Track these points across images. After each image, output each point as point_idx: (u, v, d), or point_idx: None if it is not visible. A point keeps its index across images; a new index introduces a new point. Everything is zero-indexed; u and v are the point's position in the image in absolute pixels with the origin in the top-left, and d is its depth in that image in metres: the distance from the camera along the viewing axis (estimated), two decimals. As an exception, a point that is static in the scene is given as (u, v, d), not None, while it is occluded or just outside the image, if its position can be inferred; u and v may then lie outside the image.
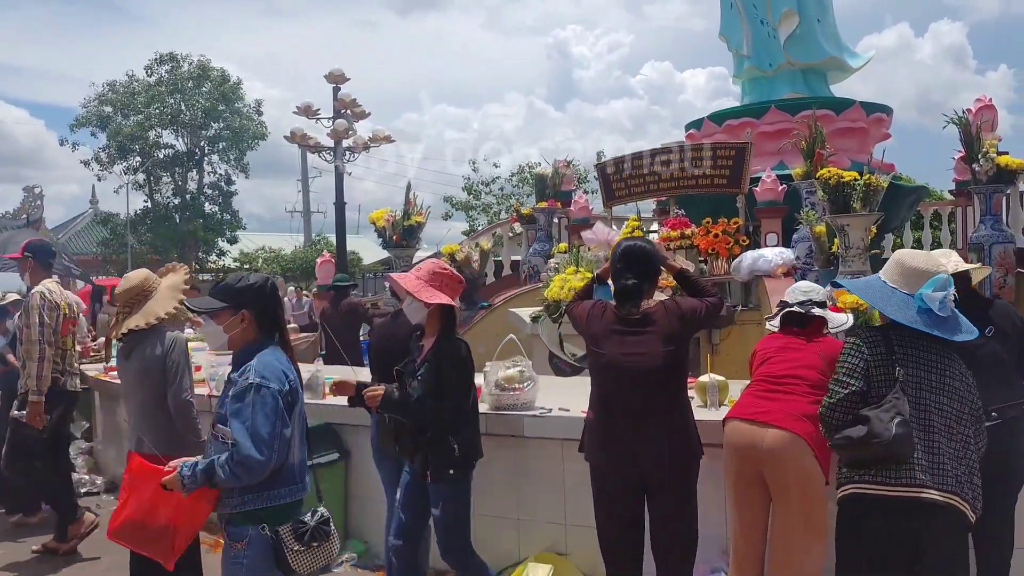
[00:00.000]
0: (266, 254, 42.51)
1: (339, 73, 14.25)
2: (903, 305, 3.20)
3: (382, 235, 11.75)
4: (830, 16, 14.12)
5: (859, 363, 3.18)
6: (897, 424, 2.96)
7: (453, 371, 4.11)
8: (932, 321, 3.14)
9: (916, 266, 3.28)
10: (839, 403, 3.16)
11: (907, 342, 3.18)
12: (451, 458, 4.12)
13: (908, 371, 3.12)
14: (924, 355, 3.17)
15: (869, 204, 7.74)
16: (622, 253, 3.84)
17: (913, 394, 3.09)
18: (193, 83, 33.08)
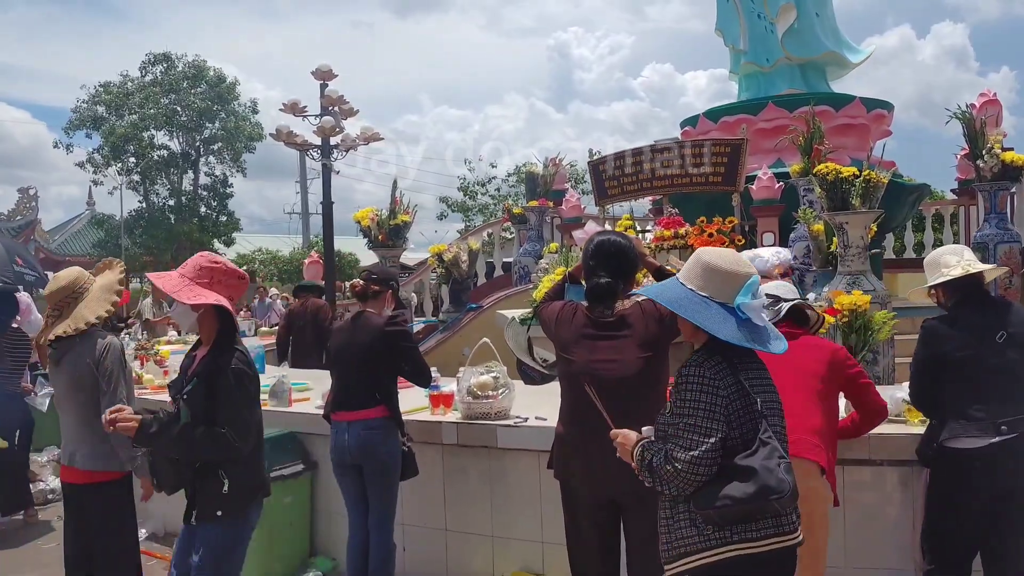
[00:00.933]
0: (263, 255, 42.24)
1: (326, 69, 13.89)
2: (722, 318, 2.61)
3: (367, 235, 11.40)
4: (829, 10, 13.76)
5: (716, 400, 2.54)
6: (785, 470, 2.49)
7: (229, 388, 3.31)
8: (752, 334, 2.60)
9: (725, 268, 2.66)
10: (704, 456, 2.49)
11: (747, 363, 2.65)
12: (219, 496, 3.31)
13: (762, 399, 2.61)
14: (760, 374, 2.68)
15: (869, 201, 7.38)
16: (595, 249, 3.48)
17: (771, 423, 2.60)
18: (188, 83, 32.73)
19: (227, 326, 3.47)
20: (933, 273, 3.96)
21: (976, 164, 9.40)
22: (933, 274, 3.95)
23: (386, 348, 4.49)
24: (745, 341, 2.56)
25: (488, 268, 16.15)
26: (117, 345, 4.08)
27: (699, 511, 2.52)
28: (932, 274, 3.96)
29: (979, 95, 10.08)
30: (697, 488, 2.50)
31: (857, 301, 4.25)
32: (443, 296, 13.53)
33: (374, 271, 4.82)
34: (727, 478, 2.47)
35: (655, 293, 2.83)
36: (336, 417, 4.59)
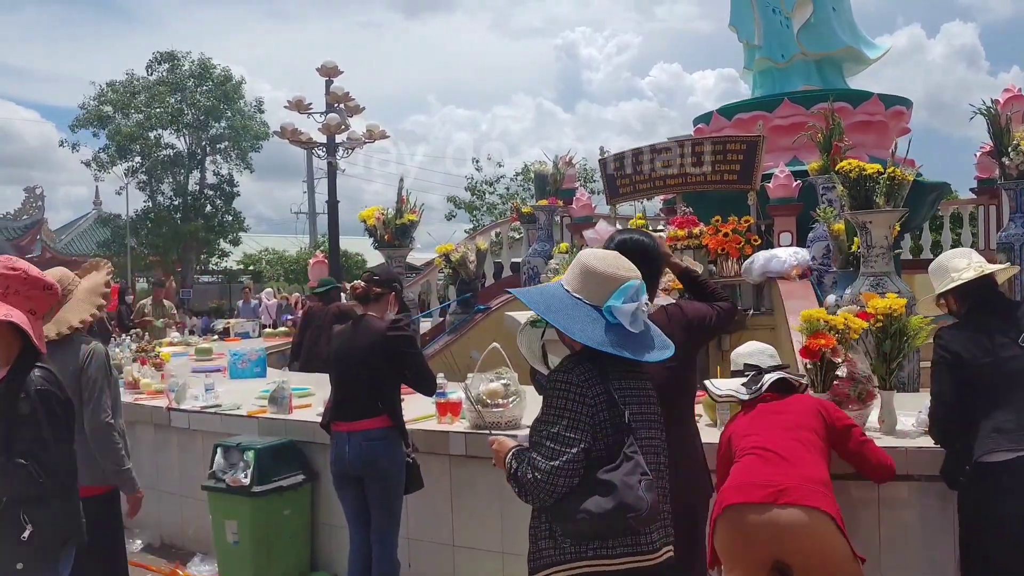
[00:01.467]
0: (270, 255, 42.10)
1: (332, 66, 13.66)
2: (590, 322, 2.48)
3: (373, 234, 11.14)
4: (846, 4, 13.47)
5: (581, 409, 2.41)
6: (645, 487, 2.35)
7: (31, 414, 2.81)
8: (621, 340, 2.46)
9: (600, 270, 2.55)
10: (564, 467, 2.36)
11: (621, 372, 2.51)
12: (18, 544, 2.74)
13: (633, 411, 2.47)
14: (638, 384, 2.55)
15: (894, 200, 7.07)
16: (616, 248, 3.20)
17: (645, 436, 2.49)
18: (194, 82, 32.57)
19: (28, 346, 2.95)
20: (941, 279, 3.70)
21: (1001, 162, 9.06)
22: (941, 280, 3.70)
23: (388, 354, 4.22)
24: (609, 347, 2.42)
25: (496, 268, 15.88)
26: (101, 351, 3.82)
27: (557, 523, 2.41)
28: (940, 280, 3.71)
29: (1003, 91, 9.77)
30: (557, 500, 2.38)
31: (892, 305, 3.96)
32: (450, 296, 13.26)
33: (376, 272, 4.55)
34: (588, 492, 2.35)
35: (525, 293, 2.66)
36: (336, 427, 4.32)
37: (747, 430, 3.49)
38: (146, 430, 6.34)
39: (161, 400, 6.29)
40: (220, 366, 8.39)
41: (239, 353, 7.88)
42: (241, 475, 5.01)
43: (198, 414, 5.94)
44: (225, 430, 5.69)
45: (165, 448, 6.25)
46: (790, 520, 3.07)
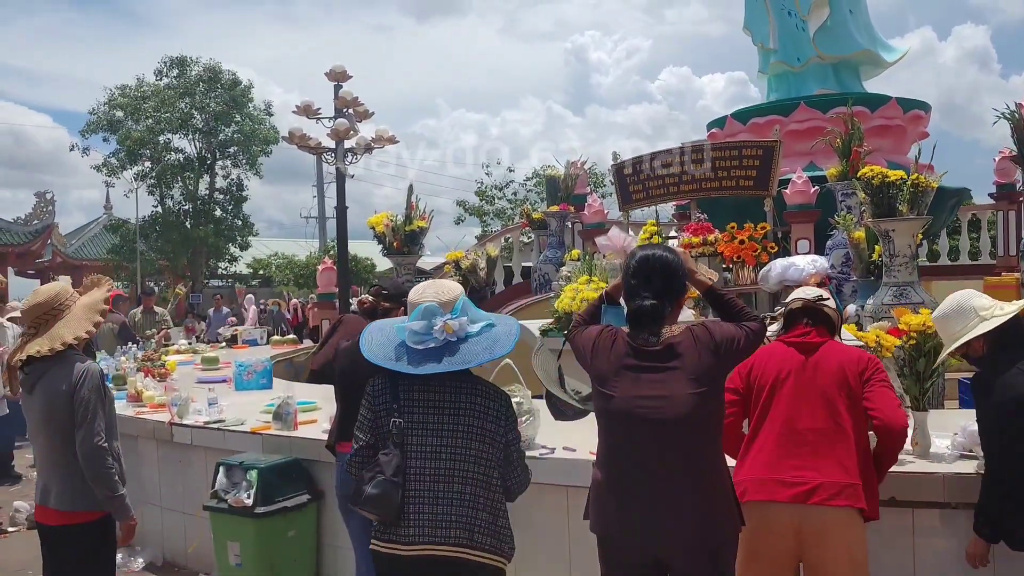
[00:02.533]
0: (279, 260, 42.01)
1: (340, 70, 13.49)
2: (386, 342, 2.96)
3: (382, 241, 10.97)
4: (863, 6, 13.26)
5: (367, 414, 2.96)
6: (373, 484, 2.81)
7: None
8: (400, 355, 2.89)
9: (411, 297, 3.03)
10: (353, 457, 2.97)
11: (413, 384, 2.89)
12: None
13: (411, 418, 2.86)
14: (430, 396, 2.88)
15: (917, 207, 6.87)
16: (638, 265, 3.00)
17: (412, 443, 2.85)
18: (203, 87, 32.48)
19: None
20: (966, 321, 3.40)
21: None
22: (965, 322, 3.40)
23: (396, 372, 4.02)
24: (383, 361, 2.90)
25: (506, 274, 15.69)
26: (96, 371, 3.64)
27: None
28: (963, 322, 3.41)
29: (1027, 94, 9.52)
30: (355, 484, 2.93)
31: (927, 321, 3.76)
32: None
33: (385, 286, 4.35)
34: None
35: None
36: (341, 448, 4.13)
37: (773, 377, 3.33)
38: (148, 445, 6.17)
39: (164, 414, 6.12)
40: (226, 376, 8.22)
41: (245, 364, 7.70)
42: (244, 495, 4.83)
43: (201, 430, 5.76)
44: (228, 447, 5.51)
45: (168, 464, 6.08)
46: (821, 524, 3.08)
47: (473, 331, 2.94)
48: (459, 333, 2.91)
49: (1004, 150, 12.57)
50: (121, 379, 7.63)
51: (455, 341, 2.89)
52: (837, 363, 3.29)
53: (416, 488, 2.83)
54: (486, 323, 2.99)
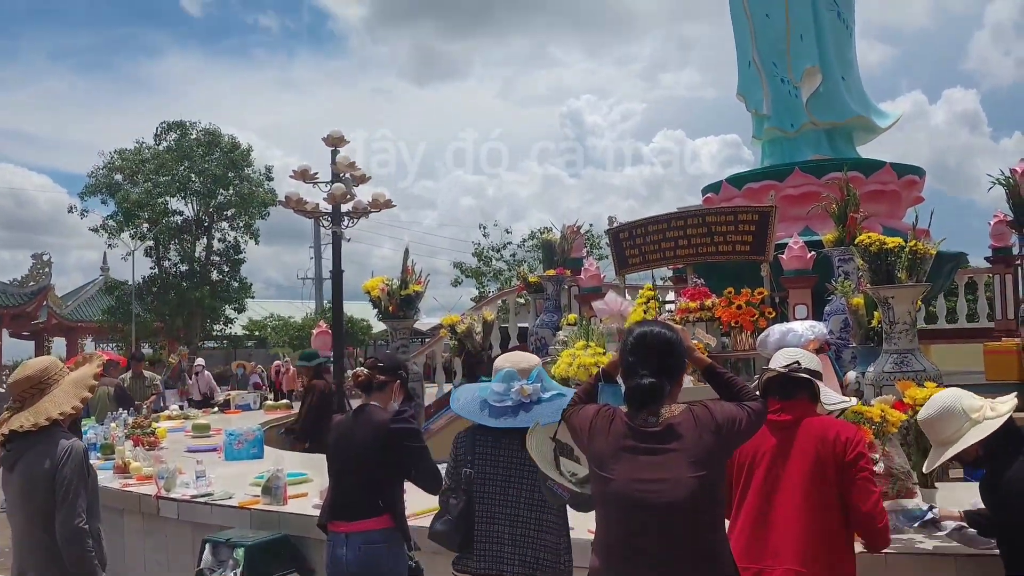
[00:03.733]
0: (275, 322, 41.91)
1: (338, 136, 13.54)
2: (472, 399, 3.54)
3: (377, 305, 10.89)
4: (855, 72, 13.41)
5: (451, 462, 3.55)
6: (441, 522, 3.48)
7: None
8: (482, 409, 3.45)
9: (498, 363, 3.57)
10: (441, 494, 3.58)
11: (488, 440, 3.45)
12: None
13: (483, 469, 3.42)
14: (501, 452, 3.41)
15: (916, 274, 6.83)
16: (635, 341, 2.92)
17: (480, 490, 3.40)
18: (202, 150, 32.76)
19: None
20: (957, 425, 3.26)
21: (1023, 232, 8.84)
22: (958, 425, 3.25)
23: (391, 448, 3.91)
24: (470, 415, 3.50)
25: (503, 336, 15.58)
26: (80, 449, 3.53)
27: None
28: (956, 426, 3.26)
29: (1020, 160, 9.57)
30: None
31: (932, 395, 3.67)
32: (456, 368, 12.95)
33: (380, 358, 4.25)
34: None
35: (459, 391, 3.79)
36: (333, 527, 3.99)
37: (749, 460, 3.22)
38: (134, 519, 6.01)
39: (150, 487, 5.97)
40: (216, 445, 8.07)
41: (235, 433, 7.56)
42: (230, 574, 4.67)
43: (188, 504, 5.61)
44: (216, 522, 5.35)
45: (153, 539, 5.90)
46: None
47: (545, 396, 3.43)
48: (532, 396, 3.41)
49: (999, 213, 12.59)
50: (109, 448, 7.48)
51: (528, 403, 3.40)
52: (813, 448, 3.14)
53: (484, 528, 3.38)
54: (557, 392, 3.48)
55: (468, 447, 3.50)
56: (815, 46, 12.84)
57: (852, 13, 13.36)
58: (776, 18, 13.07)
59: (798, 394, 3.29)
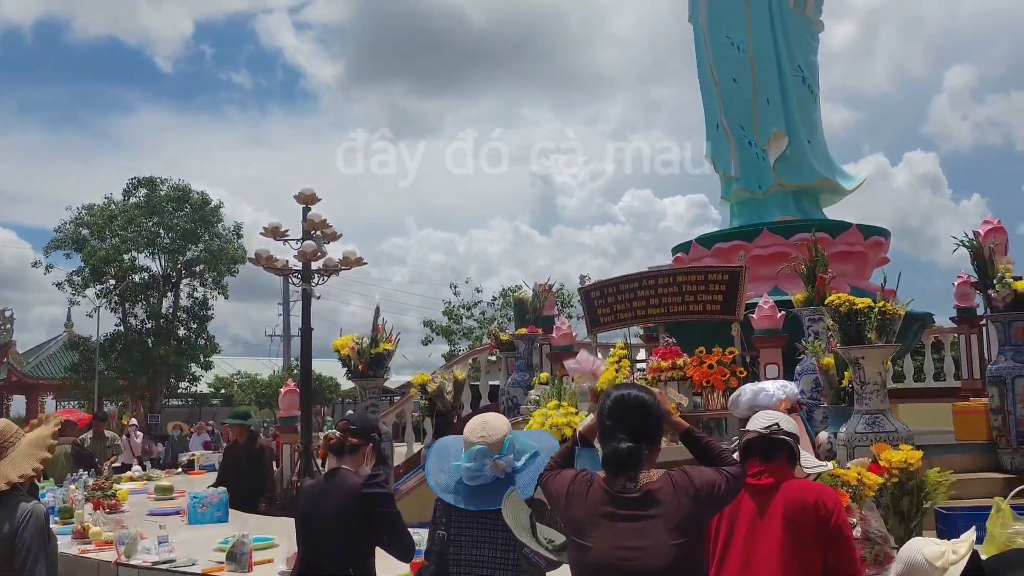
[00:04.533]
0: (242, 379, 41.30)
1: (309, 193, 13.51)
2: (447, 475, 3.49)
3: (346, 364, 10.78)
4: (820, 136, 13.70)
5: (432, 524, 3.60)
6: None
7: None
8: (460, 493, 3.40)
9: (466, 436, 3.45)
10: (426, 554, 3.64)
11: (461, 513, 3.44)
12: None
13: (458, 531, 3.44)
14: (469, 514, 3.39)
15: (885, 334, 6.90)
16: (613, 405, 2.88)
17: (456, 553, 3.43)
18: (172, 206, 32.60)
19: None
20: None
21: (988, 294, 8.98)
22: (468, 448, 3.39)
23: (362, 514, 3.80)
24: (441, 492, 3.46)
25: (473, 395, 15.45)
26: (41, 513, 3.42)
27: None
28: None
29: (983, 223, 9.75)
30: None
31: (908, 458, 3.67)
32: (426, 428, 12.79)
33: (353, 421, 4.17)
34: None
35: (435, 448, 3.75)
36: (300, 597, 3.87)
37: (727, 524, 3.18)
38: (92, 586, 5.79)
39: (110, 552, 5.77)
40: (180, 508, 7.86)
41: (199, 496, 7.37)
42: (192, 645, 4.49)
43: (149, 571, 5.42)
44: (178, 590, 5.18)
45: (112, 608, 5.69)
46: None
47: (519, 465, 3.38)
48: (507, 470, 3.35)
49: (963, 274, 12.80)
50: (68, 512, 7.24)
51: (504, 478, 3.33)
52: (792, 512, 3.11)
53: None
54: (531, 455, 3.42)
55: (444, 509, 3.49)
56: (781, 110, 13.13)
57: (816, 79, 13.70)
58: (743, 83, 13.37)
59: (777, 457, 3.27)
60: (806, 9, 13.29)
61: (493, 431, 3.44)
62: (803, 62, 13.31)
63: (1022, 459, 8.46)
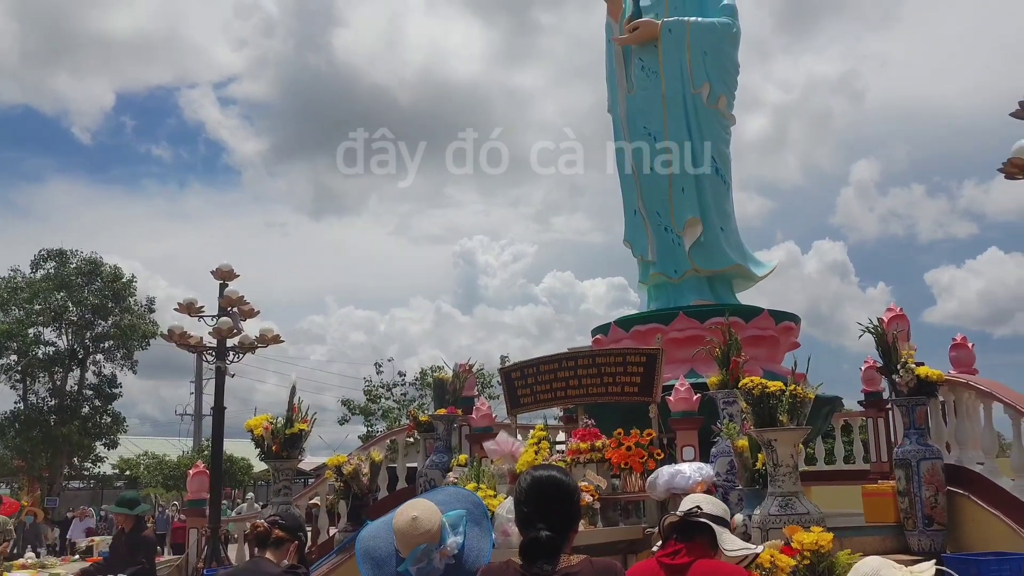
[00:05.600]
0: (148, 460, 39.73)
1: (227, 269, 13.37)
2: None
3: (260, 444, 10.50)
4: (732, 224, 14.19)
5: None
6: None
7: None
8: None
9: (403, 539, 3.30)
10: None
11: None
12: None
13: None
14: None
15: (797, 417, 7.08)
16: (530, 491, 2.87)
17: None
18: (82, 279, 31.65)
19: None
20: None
21: (892, 379, 9.32)
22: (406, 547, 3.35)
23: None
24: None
25: (391, 477, 15.15)
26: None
27: None
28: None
29: (886, 310, 10.15)
30: None
31: (820, 541, 3.74)
32: (340, 512, 12.47)
33: (283, 517, 4.07)
34: None
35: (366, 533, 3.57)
36: None
37: None
38: None
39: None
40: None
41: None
42: None
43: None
44: None
45: None
46: None
47: (461, 540, 3.31)
48: (453, 551, 3.28)
49: (869, 359, 13.25)
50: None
51: (454, 561, 3.27)
52: None
53: None
54: (464, 522, 3.35)
55: None
56: (696, 199, 13.58)
57: (729, 171, 14.24)
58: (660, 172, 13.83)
59: (697, 538, 3.31)
60: (719, 104, 13.89)
61: (428, 525, 3.30)
62: (716, 154, 13.85)
63: (928, 541, 8.66)
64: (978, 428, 9.59)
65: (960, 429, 9.62)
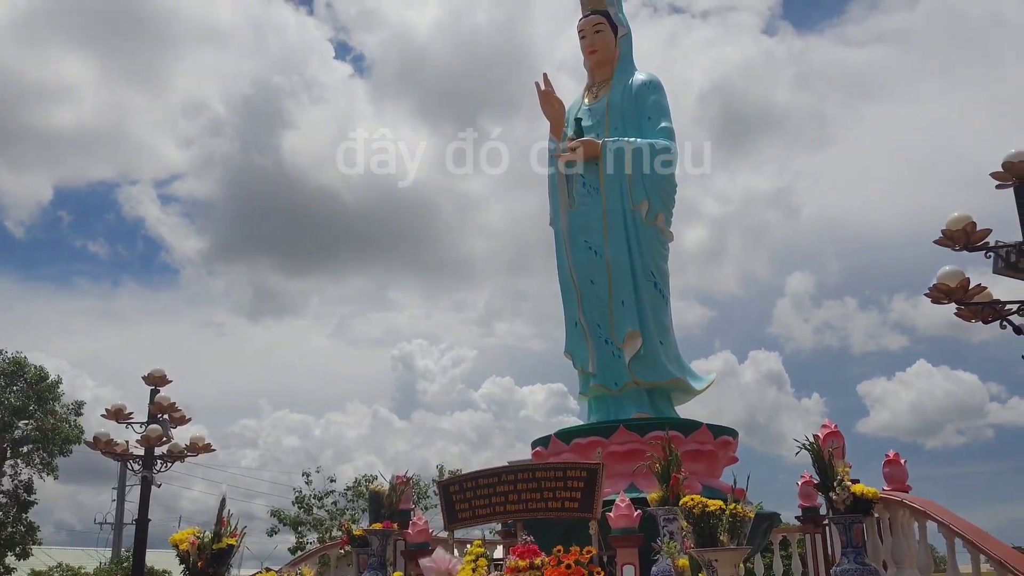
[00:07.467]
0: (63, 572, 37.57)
1: (159, 374, 13.11)
2: None
3: (185, 560, 10.04)
4: (671, 337, 14.42)
5: None
6: None
7: None
8: None
9: None
10: None
11: None
12: None
13: None
14: None
15: (736, 536, 7.05)
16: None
17: None
18: (3, 380, 30.49)
19: None
20: None
21: (828, 496, 9.40)
22: None
23: None
24: None
25: (322, 594, 14.55)
26: None
27: None
28: None
29: (821, 427, 10.32)
30: None
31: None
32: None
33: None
34: None
35: None
36: None
37: None
38: None
39: None
40: None
41: None
42: None
43: None
44: None
45: None
46: None
47: None
48: None
49: (805, 474, 13.34)
50: None
51: None
52: None
53: None
54: None
55: None
56: (636, 312, 13.82)
57: (668, 285, 14.58)
58: (600, 285, 14.07)
59: None
60: (657, 220, 14.30)
61: None
62: (655, 268, 14.19)
63: (869, 664, 8.59)
64: (913, 546, 9.67)
65: (896, 548, 9.69)
